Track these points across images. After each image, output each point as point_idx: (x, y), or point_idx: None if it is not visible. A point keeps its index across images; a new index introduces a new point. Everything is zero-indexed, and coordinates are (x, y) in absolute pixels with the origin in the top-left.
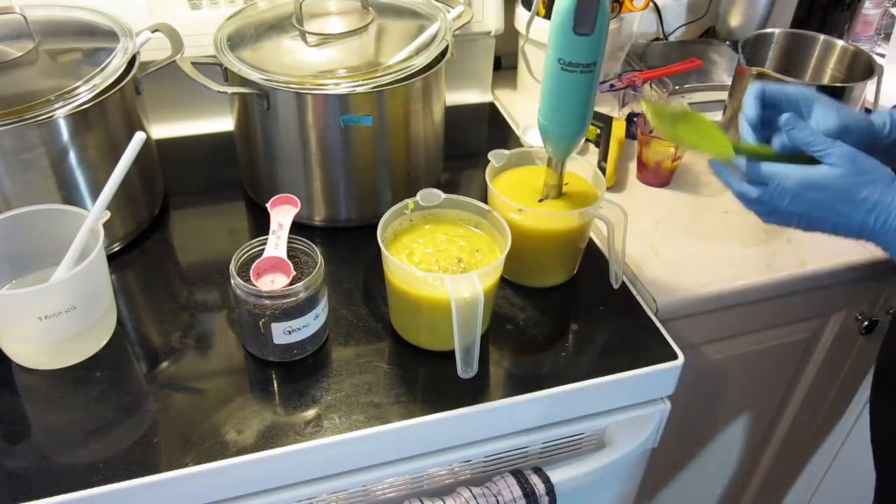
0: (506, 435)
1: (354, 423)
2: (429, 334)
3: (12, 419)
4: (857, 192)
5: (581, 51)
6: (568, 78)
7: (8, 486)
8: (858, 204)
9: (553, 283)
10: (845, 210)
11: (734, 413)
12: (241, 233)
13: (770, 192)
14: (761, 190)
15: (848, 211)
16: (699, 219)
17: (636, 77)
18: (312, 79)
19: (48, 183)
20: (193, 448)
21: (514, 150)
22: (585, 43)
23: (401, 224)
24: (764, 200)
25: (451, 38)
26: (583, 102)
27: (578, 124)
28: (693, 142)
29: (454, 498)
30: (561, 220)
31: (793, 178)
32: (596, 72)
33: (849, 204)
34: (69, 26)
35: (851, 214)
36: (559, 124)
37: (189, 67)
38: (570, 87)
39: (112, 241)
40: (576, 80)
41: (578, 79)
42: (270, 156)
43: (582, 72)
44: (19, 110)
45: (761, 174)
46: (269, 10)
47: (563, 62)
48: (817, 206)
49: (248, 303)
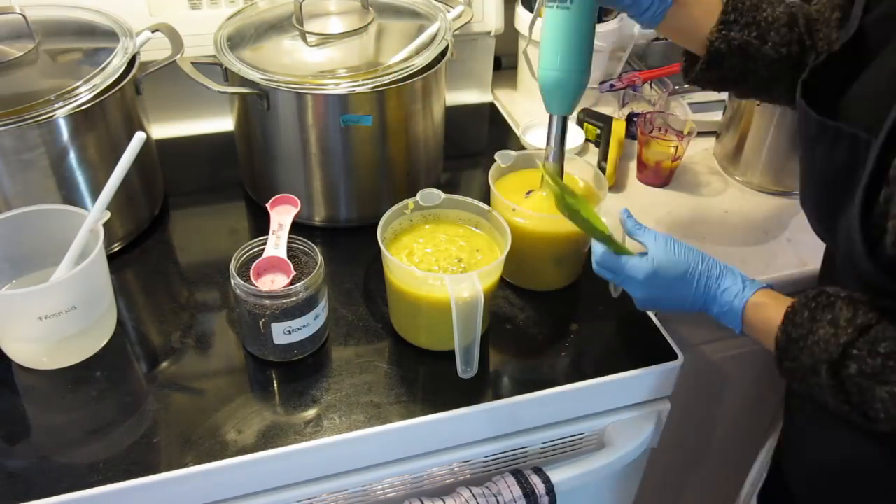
0: (506, 435)
1: (354, 423)
2: (429, 334)
3: (12, 419)
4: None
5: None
6: (549, 13)
7: (8, 486)
8: (686, 282)
9: (555, 287)
10: (681, 286)
11: (734, 413)
12: (241, 233)
13: (619, 280)
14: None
15: (684, 287)
16: (699, 219)
17: (636, 77)
18: (312, 79)
19: (48, 183)
20: (193, 448)
21: (520, 152)
22: None
23: (401, 224)
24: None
25: (451, 38)
26: (563, 40)
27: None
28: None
29: (454, 498)
30: (561, 224)
31: (625, 271)
32: (575, 9)
33: (680, 282)
34: (69, 26)
35: (687, 290)
36: (546, 64)
37: (189, 67)
38: (550, 23)
39: (112, 241)
40: (554, 16)
41: (556, 15)
42: (270, 156)
43: (559, 7)
44: (19, 110)
45: (611, 265)
46: (269, 10)
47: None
48: (658, 288)
49: (248, 303)
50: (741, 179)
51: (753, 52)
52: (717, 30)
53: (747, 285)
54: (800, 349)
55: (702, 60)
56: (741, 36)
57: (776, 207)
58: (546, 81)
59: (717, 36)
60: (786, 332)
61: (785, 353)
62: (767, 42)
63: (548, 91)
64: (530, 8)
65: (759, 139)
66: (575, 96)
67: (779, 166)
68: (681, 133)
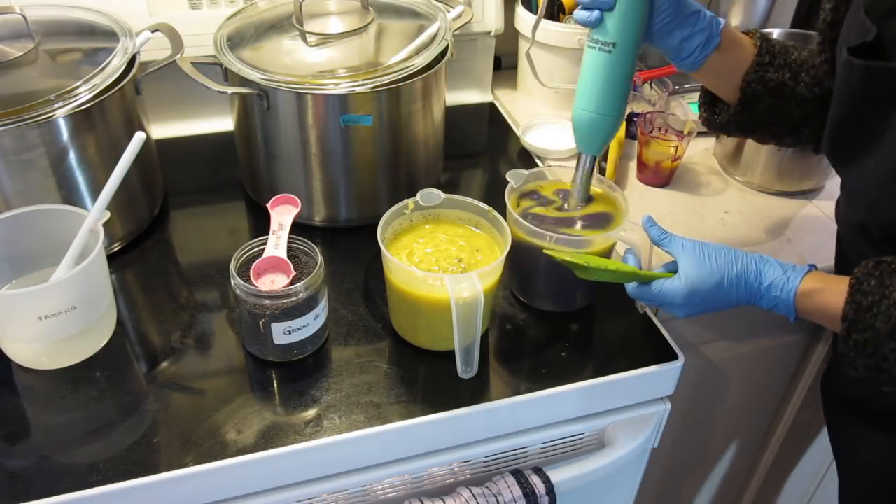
0: (506, 435)
1: (354, 423)
2: (429, 334)
3: (12, 419)
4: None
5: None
6: (590, 54)
7: (8, 486)
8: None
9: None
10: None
11: (734, 413)
12: (241, 233)
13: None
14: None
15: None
16: (699, 219)
17: (636, 77)
18: (312, 79)
19: (48, 183)
20: (193, 448)
21: (531, 171)
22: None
23: (401, 224)
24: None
25: (451, 38)
26: (602, 83)
27: (600, 107)
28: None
29: (454, 498)
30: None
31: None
32: (617, 55)
33: (718, 291)
34: (69, 26)
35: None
36: (585, 105)
37: (189, 67)
38: (590, 64)
39: (112, 241)
40: (595, 58)
41: (598, 56)
42: (270, 156)
43: (600, 49)
44: (19, 110)
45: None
46: (269, 10)
47: (589, 36)
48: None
49: (248, 303)
50: (741, 179)
51: (787, 92)
52: (754, 71)
53: (790, 275)
54: (874, 315)
55: (737, 103)
56: (777, 77)
57: (776, 207)
58: (581, 122)
59: (753, 77)
60: (855, 302)
61: (854, 326)
62: (800, 82)
63: (581, 131)
64: (530, 8)
65: None
66: (608, 137)
67: (779, 166)
68: (681, 133)
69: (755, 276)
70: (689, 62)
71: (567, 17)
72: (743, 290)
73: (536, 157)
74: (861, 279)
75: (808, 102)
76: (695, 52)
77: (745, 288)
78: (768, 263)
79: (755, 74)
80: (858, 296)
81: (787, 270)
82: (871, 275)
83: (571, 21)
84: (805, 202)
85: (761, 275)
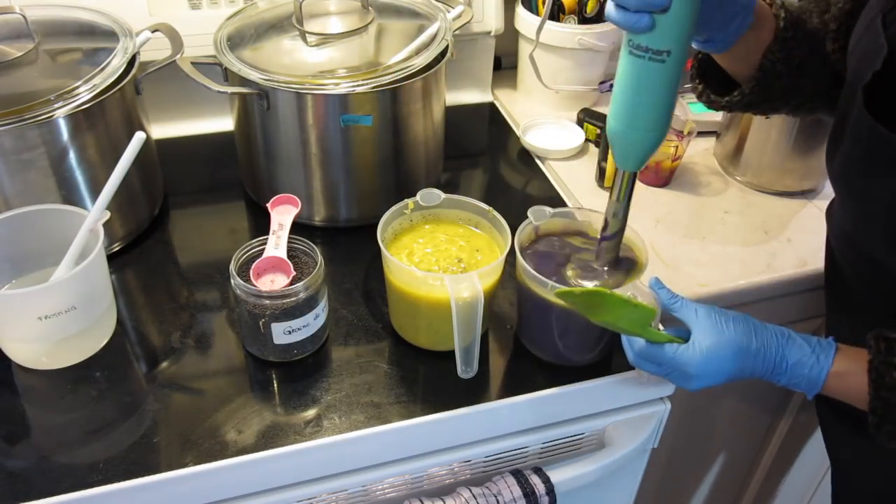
0: (506, 435)
1: (354, 423)
2: (429, 334)
3: (12, 419)
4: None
5: (654, 32)
6: (640, 66)
7: (8, 486)
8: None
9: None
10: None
11: (734, 413)
12: (241, 233)
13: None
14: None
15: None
16: (699, 219)
17: None
18: (312, 79)
19: (48, 183)
20: (193, 448)
21: (557, 210)
22: (658, 22)
23: (401, 224)
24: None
25: (451, 38)
26: (652, 97)
27: (649, 127)
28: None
29: (454, 498)
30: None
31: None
32: (671, 64)
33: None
34: (69, 26)
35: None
36: (629, 124)
37: (189, 67)
38: (641, 77)
39: (112, 241)
40: (643, 69)
41: (646, 67)
42: (270, 156)
43: (651, 59)
44: (19, 110)
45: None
46: (269, 10)
47: (633, 43)
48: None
49: (248, 303)
50: (741, 179)
51: (807, 66)
52: (779, 49)
53: (820, 354)
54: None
55: (753, 82)
56: (799, 53)
57: (776, 207)
58: (623, 140)
59: (777, 56)
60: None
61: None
62: (818, 54)
63: (623, 149)
64: (530, 8)
65: (759, 139)
66: (652, 153)
67: (779, 166)
68: (681, 133)
69: (776, 350)
70: (721, 44)
71: (567, 16)
72: (760, 365)
73: (536, 157)
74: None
75: (823, 78)
76: (731, 33)
77: (763, 363)
78: (791, 339)
79: (780, 52)
80: (885, 392)
81: (814, 348)
82: (889, 364)
83: (572, 21)
84: (805, 202)
85: (784, 350)
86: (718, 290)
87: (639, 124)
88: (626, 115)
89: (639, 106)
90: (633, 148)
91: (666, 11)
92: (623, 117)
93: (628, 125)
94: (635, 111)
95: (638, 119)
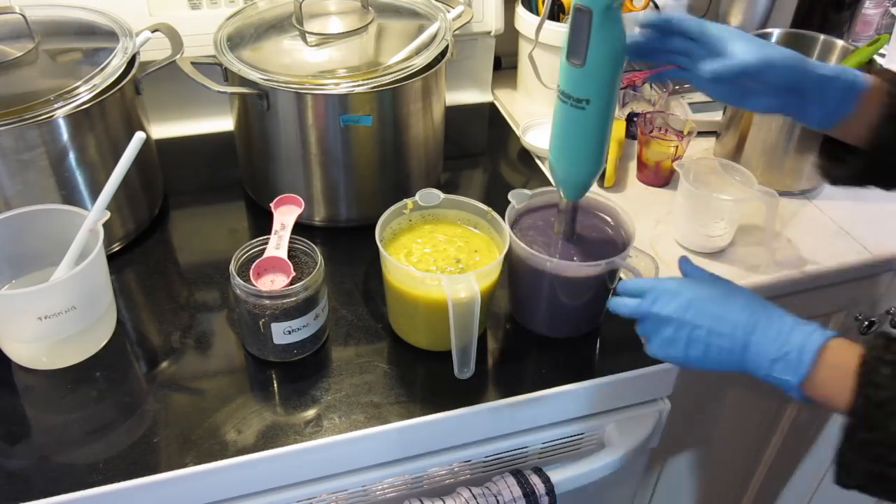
0: (506, 435)
1: (354, 423)
2: (428, 335)
3: (12, 419)
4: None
5: (574, 82)
6: (564, 109)
7: (8, 486)
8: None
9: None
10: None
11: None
12: (241, 233)
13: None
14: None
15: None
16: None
17: (636, 77)
18: (312, 79)
19: (48, 183)
20: (193, 448)
21: (535, 191)
22: (577, 74)
23: (400, 224)
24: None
25: (451, 38)
26: (574, 138)
27: (575, 163)
28: None
29: (454, 498)
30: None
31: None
32: (591, 111)
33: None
34: (69, 26)
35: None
36: (557, 158)
37: (189, 67)
38: (566, 120)
39: (112, 241)
40: (571, 114)
41: (573, 113)
42: (270, 156)
43: (573, 105)
44: (19, 110)
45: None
46: (269, 10)
47: (561, 92)
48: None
49: (248, 303)
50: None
51: None
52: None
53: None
54: (885, 415)
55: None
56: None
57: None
58: (556, 172)
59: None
60: (865, 395)
61: (864, 422)
62: None
63: (559, 180)
64: (530, 8)
65: (759, 139)
66: (586, 185)
67: (779, 166)
68: (681, 133)
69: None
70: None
71: (567, 16)
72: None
73: (536, 156)
74: (873, 365)
75: None
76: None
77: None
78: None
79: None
80: (870, 388)
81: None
82: (882, 360)
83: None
84: (805, 202)
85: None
86: None
87: (568, 159)
88: (556, 151)
89: (565, 144)
90: (566, 179)
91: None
92: (554, 152)
93: (557, 159)
94: (562, 148)
95: (565, 155)
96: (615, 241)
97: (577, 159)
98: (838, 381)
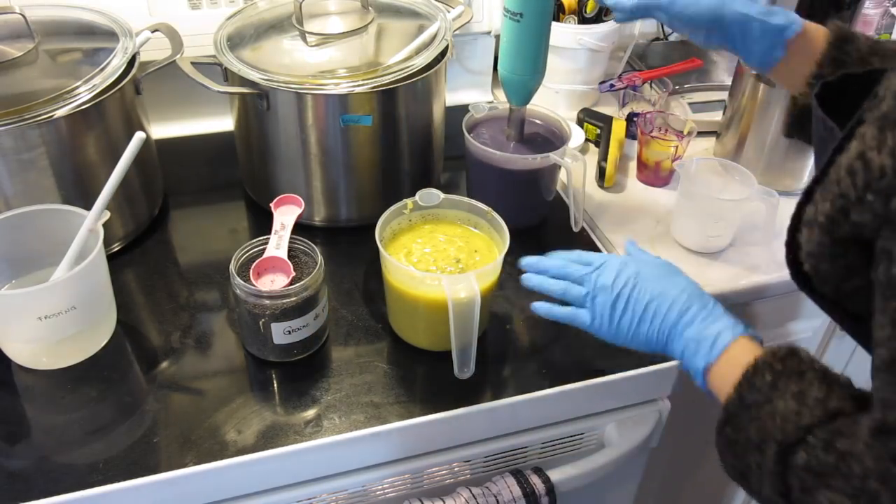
0: (505, 435)
1: (354, 423)
2: (428, 335)
3: (12, 419)
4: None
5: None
6: (506, 23)
7: (8, 486)
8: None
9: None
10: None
11: None
12: (241, 233)
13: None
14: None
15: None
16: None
17: (636, 77)
18: (312, 79)
19: (48, 183)
20: (193, 448)
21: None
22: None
23: (400, 224)
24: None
25: (451, 38)
26: (516, 48)
27: (515, 68)
28: None
29: (454, 498)
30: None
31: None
32: (525, 23)
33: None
34: (69, 26)
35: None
36: (503, 66)
37: (189, 67)
38: (508, 32)
39: (112, 241)
40: (510, 27)
41: (512, 25)
42: (270, 156)
43: (511, 18)
44: (19, 110)
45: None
46: (269, 10)
47: (504, 8)
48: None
49: (248, 303)
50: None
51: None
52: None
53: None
54: (750, 419)
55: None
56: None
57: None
58: (504, 80)
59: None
60: (740, 394)
61: (731, 419)
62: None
63: (506, 88)
64: None
65: (759, 139)
66: (530, 92)
67: (779, 166)
68: (681, 133)
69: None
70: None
71: (567, 16)
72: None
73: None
74: (758, 368)
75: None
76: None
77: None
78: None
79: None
80: (746, 389)
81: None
82: (770, 368)
83: (572, 21)
84: None
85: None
86: (719, 289)
87: (510, 67)
88: (502, 60)
89: (508, 53)
90: (511, 85)
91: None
92: (502, 62)
93: (503, 67)
94: (506, 57)
95: (508, 63)
96: (555, 144)
97: (518, 67)
98: (729, 377)
